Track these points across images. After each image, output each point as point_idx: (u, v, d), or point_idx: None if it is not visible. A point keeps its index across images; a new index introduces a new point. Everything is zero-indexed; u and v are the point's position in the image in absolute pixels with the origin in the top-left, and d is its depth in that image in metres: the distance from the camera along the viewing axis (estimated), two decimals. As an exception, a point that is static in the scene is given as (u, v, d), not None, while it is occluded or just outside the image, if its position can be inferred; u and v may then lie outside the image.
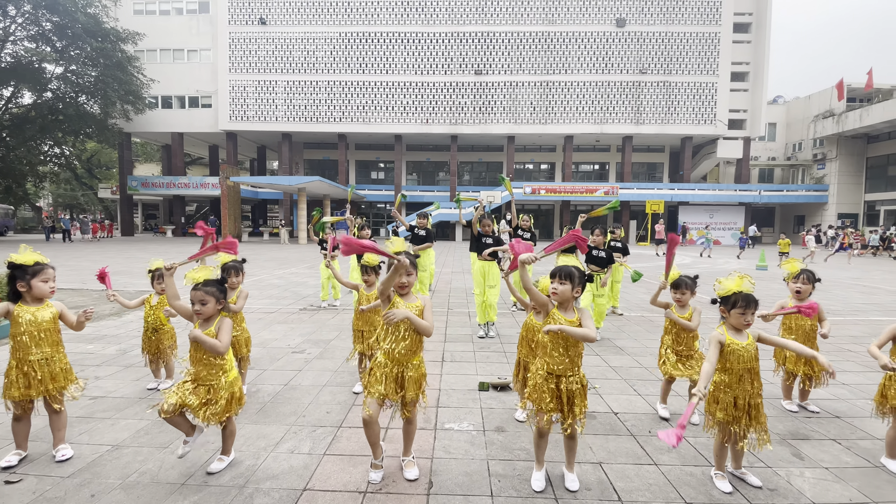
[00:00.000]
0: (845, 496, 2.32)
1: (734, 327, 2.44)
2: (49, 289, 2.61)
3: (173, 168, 32.60)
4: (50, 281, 2.63)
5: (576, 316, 2.38)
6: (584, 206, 33.77)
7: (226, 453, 2.55)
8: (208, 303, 2.42)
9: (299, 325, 5.93)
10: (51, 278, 2.63)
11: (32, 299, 2.57)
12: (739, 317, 2.39)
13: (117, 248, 20.17)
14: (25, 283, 2.53)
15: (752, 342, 2.40)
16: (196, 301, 2.43)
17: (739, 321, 2.39)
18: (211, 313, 2.45)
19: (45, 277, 2.59)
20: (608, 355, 4.74)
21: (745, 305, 2.38)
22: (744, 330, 2.44)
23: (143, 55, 30.18)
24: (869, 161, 31.14)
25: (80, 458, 2.58)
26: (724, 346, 2.39)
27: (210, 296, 2.43)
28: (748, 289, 2.42)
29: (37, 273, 2.56)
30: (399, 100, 30.60)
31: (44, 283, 2.58)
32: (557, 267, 2.46)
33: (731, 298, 2.42)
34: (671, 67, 30.02)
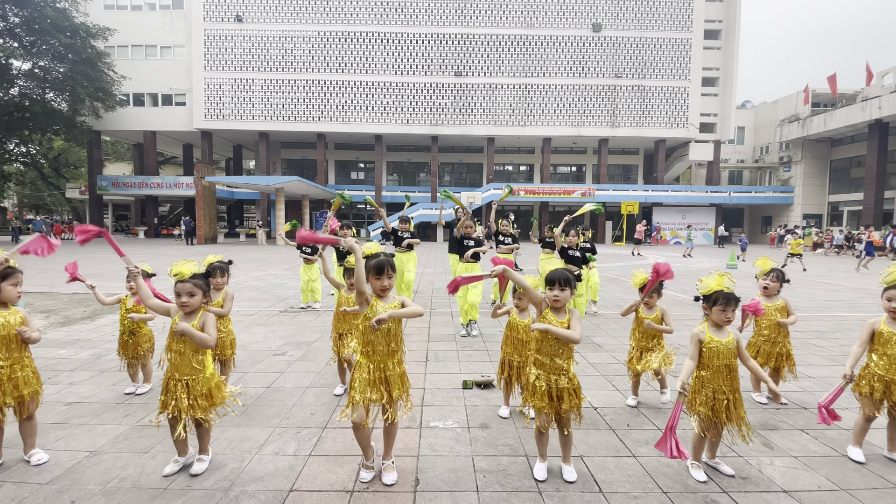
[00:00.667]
0: (814, 484, 2.45)
1: (715, 324, 2.54)
2: (17, 293, 2.57)
3: (146, 167, 31.68)
4: (18, 285, 2.58)
5: (567, 317, 2.46)
6: (563, 207, 34.27)
7: (203, 452, 2.53)
8: (196, 295, 2.45)
9: (280, 327, 5.87)
10: (19, 283, 2.59)
11: (0, 303, 2.51)
12: (720, 314, 2.50)
13: (88, 250, 19.46)
14: None
15: (731, 340, 2.50)
16: (184, 293, 2.43)
17: (720, 318, 2.50)
18: (197, 306, 2.48)
19: (14, 282, 2.55)
20: (587, 352, 4.85)
21: (726, 303, 2.49)
22: (724, 327, 2.54)
23: (114, 51, 29.28)
24: (833, 164, 32.55)
25: (58, 465, 2.52)
26: (704, 344, 2.50)
27: (198, 288, 2.47)
28: (728, 287, 2.52)
29: (6, 276, 2.51)
30: (379, 100, 30.48)
31: (13, 288, 2.54)
32: (554, 273, 2.48)
33: (713, 296, 2.53)
34: (645, 72, 30.78)
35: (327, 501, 2.20)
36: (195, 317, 2.48)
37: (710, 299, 2.55)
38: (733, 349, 2.49)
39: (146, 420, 3.10)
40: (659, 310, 3.43)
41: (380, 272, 2.40)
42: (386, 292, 2.45)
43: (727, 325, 2.53)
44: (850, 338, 5.61)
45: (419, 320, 6.38)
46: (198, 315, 2.49)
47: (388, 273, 2.42)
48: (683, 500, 2.26)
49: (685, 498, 2.27)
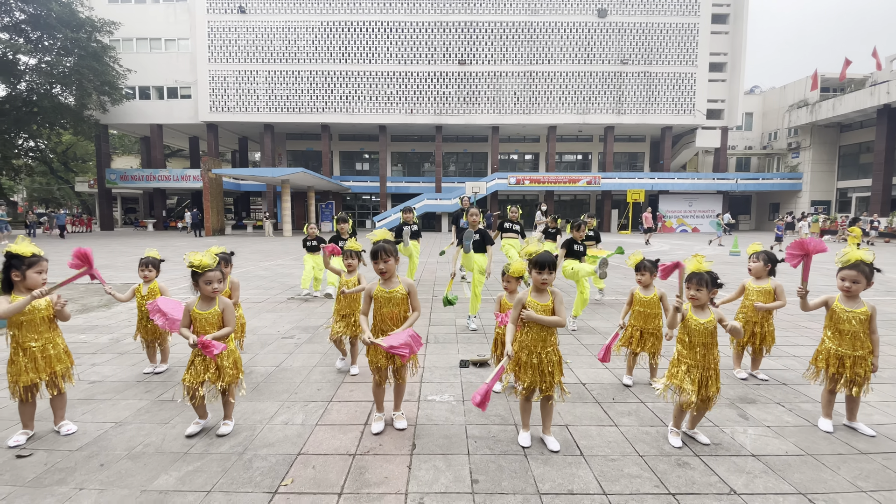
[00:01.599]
0: (782, 449, 2.63)
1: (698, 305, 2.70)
2: (42, 280, 2.74)
3: (153, 160, 32.01)
4: (43, 273, 2.76)
5: (550, 299, 2.60)
6: (568, 195, 34.26)
7: (228, 418, 2.81)
8: (223, 281, 2.78)
9: (287, 313, 6.12)
10: (44, 270, 2.76)
11: (25, 289, 2.69)
12: (688, 292, 2.67)
13: (100, 243, 19.89)
14: (20, 272, 2.65)
15: (711, 320, 2.65)
16: (215, 280, 2.71)
17: (689, 296, 2.67)
18: (220, 292, 2.77)
19: (39, 269, 2.71)
20: (580, 334, 5.04)
21: (697, 283, 2.65)
22: (706, 308, 2.69)
23: (120, 45, 29.47)
24: (841, 149, 32.17)
25: (86, 435, 2.76)
26: (684, 321, 2.68)
27: (222, 275, 2.78)
28: (701, 268, 2.67)
29: (32, 264, 2.69)
30: (383, 90, 30.48)
31: (38, 275, 2.70)
32: (542, 256, 2.59)
33: (688, 277, 2.70)
34: (651, 58, 30.45)
35: (332, 463, 2.43)
36: (214, 302, 2.74)
37: (688, 279, 2.71)
38: (712, 329, 2.64)
39: (165, 395, 3.34)
40: (657, 291, 3.58)
41: (374, 257, 2.74)
42: (385, 275, 2.74)
43: (696, 303, 2.67)
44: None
45: (422, 306, 6.59)
46: (216, 300, 2.75)
47: (383, 257, 2.73)
48: (658, 462, 2.45)
49: (659, 461, 2.47)
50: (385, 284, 2.77)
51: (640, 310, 3.58)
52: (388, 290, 2.75)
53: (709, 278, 2.68)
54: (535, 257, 2.64)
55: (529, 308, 2.59)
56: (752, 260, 3.70)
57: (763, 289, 3.65)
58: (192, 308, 2.73)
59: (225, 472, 2.35)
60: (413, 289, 2.81)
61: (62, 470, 2.38)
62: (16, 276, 2.66)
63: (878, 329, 2.81)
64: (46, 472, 2.36)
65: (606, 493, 2.17)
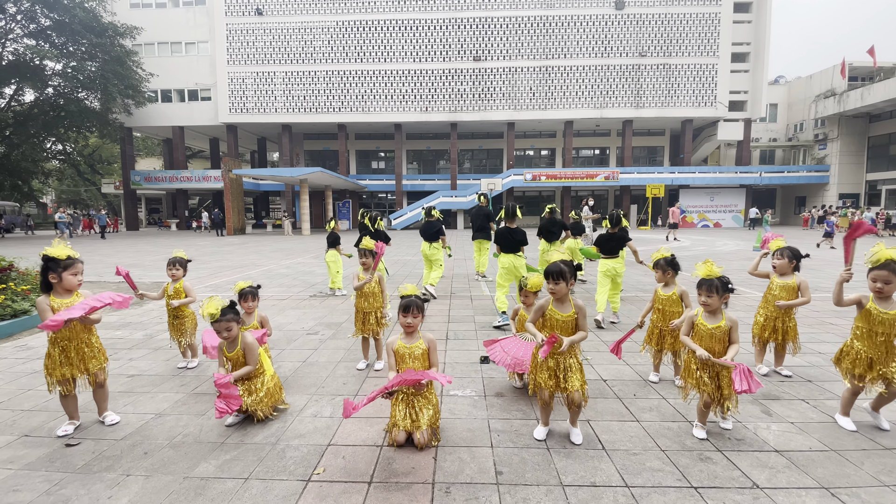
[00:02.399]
0: (805, 445, 2.64)
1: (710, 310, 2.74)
2: (77, 281, 2.85)
3: (175, 162, 32.83)
4: (79, 274, 2.86)
5: (572, 310, 2.64)
6: (585, 191, 33.90)
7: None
8: (232, 328, 2.92)
9: (311, 310, 6.27)
10: (80, 272, 2.87)
11: (63, 290, 2.81)
12: (699, 298, 2.73)
13: (126, 243, 20.55)
14: (57, 274, 2.77)
15: (720, 326, 2.67)
16: (222, 330, 2.90)
17: (701, 303, 2.73)
18: (236, 334, 2.96)
19: (74, 271, 2.82)
20: (600, 331, 5.06)
21: (707, 290, 2.70)
22: (719, 312, 2.71)
23: (142, 49, 30.27)
24: (870, 140, 31.08)
25: (129, 425, 2.93)
26: (694, 325, 2.74)
27: (231, 322, 2.92)
28: (712, 273, 2.72)
29: (68, 267, 2.80)
30: (398, 88, 30.62)
31: (73, 276, 2.81)
32: (549, 267, 2.64)
33: (699, 283, 2.74)
34: (671, 49, 29.86)
35: (360, 453, 2.53)
36: (236, 342, 2.97)
37: (698, 285, 2.76)
38: (720, 336, 2.68)
39: (200, 389, 3.50)
40: (677, 289, 3.59)
41: (406, 310, 2.79)
42: (409, 329, 2.82)
43: (707, 309, 2.71)
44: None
45: (442, 303, 6.69)
46: (238, 340, 2.97)
47: (413, 312, 2.79)
48: (679, 457, 2.49)
49: (681, 455, 2.50)
50: (406, 340, 2.83)
51: (659, 308, 3.60)
52: (408, 346, 2.81)
53: (719, 284, 2.70)
54: (546, 267, 2.67)
55: (549, 320, 2.65)
56: (777, 257, 3.67)
57: (787, 285, 3.62)
58: (223, 348, 2.98)
59: (260, 460, 2.47)
60: (433, 345, 2.84)
61: (109, 458, 2.53)
62: (53, 277, 2.79)
63: None
64: (94, 459, 2.52)
65: (629, 486, 2.22)
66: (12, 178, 26.39)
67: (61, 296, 2.82)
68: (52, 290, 2.83)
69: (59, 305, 2.79)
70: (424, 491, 2.19)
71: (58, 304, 2.78)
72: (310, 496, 2.16)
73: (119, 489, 2.23)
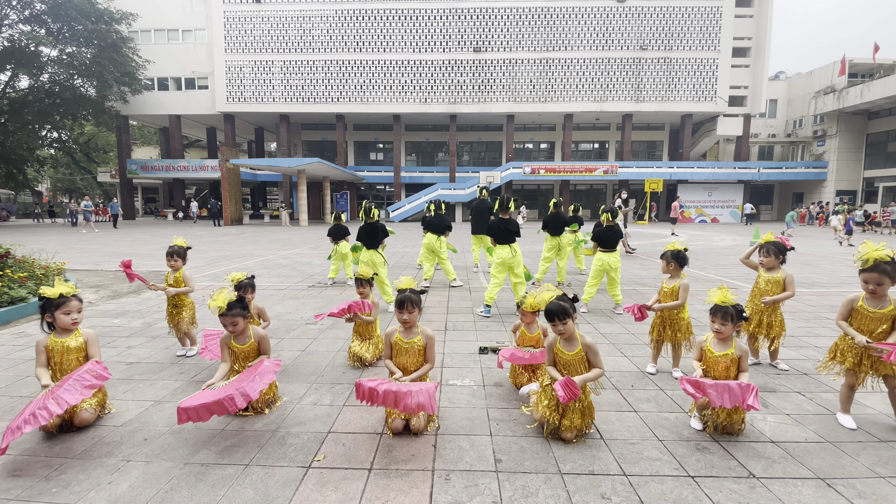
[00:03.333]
0: (801, 436, 2.66)
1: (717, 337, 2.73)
2: (70, 321, 2.71)
3: (171, 151, 32.58)
4: (72, 313, 2.73)
5: (579, 348, 2.57)
6: (584, 185, 33.89)
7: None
8: (238, 323, 2.91)
9: (309, 300, 6.27)
10: (73, 310, 2.74)
11: (60, 329, 2.74)
12: (712, 326, 2.71)
13: (123, 232, 20.45)
14: (51, 314, 2.72)
15: (727, 354, 2.67)
16: (228, 325, 2.90)
17: (713, 330, 2.71)
18: (243, 328, 2.94)
19: (66, 310, 2.71)
20: (599, 324, 5.08)
21: (722, 318, 2.67)
22: (726, 340, 2.70)
23: (138, 36, 29.92)
24: (869, 137, 31.14)
25: (128, 412, 2.93)
26: (703, 352, 2.75)
27: (237, 317, 2.90)
28: (726, 301, 2.68)
29: (59, 306, 2.70)
30: (397, 79, 30.40)
31: (65, 316, 2.70)
32: (548, 307, 2.56)
33: (711, 309, 2.72)
34: (672, 43, 29.73)
35: (360, 441, 2.54)
36: (247, 335, 2.97)
37: (712, 312, 2.72)
38: (727, 363, 2.68)
39: (199, 377, 3.50)
40: (679, 282, 3.59)
41: (401, 307, 2.79)
42: (406, 324, 2.82)
43: (720, 336, 2.70)
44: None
45: (440, 295, 6.69)
46: (249, 332, 2.98)
47: (408, 308, 2.78)
48: (677, 447, 2.51)
49: (678, 445, 2.52)
50: (405, 334, 2.84)
51: (661, 300, 3.63)
52: (406, 340, 2.81)
53: (734, 312, 2.67)
54: (545, 307, 2.59)
55: (559, 360, 2.61)
56: (763, 254, 3.68)
57: (773, 279, 3.64)
58: (229, 342, 2.96)
59: (261, 447, 2.48)
60: (431, 340, 2.84)
61: (109, 444, 2.53)
62: (48, 318, 2.72)
63: None
64: (94, 445, 2.52)
65: (627, 475, 2.24)
66: (7, 165, 26.15)
67: (60, 335, 2.76)
68: (54, 330, 2.77)
69: (54, 346, 2.70)
70: (424, 478, 2.20)
71: (54, 345, 2.70)
72: (310, 482, 2.17)
73: (119, 474, 2.24)
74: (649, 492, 2.11)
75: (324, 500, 2.04)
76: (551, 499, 2.05)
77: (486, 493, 2.09)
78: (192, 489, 2.12)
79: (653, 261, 10.64)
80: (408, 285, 2.91)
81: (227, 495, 2.07)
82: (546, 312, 2.60)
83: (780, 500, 2.06)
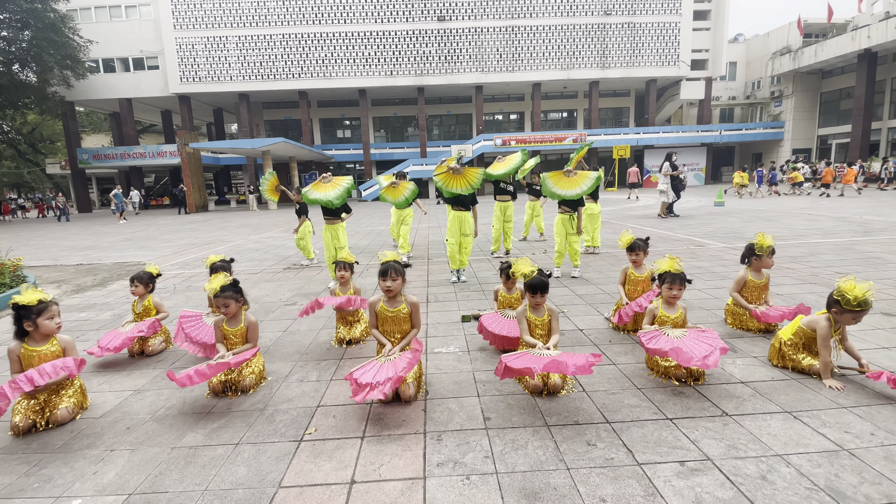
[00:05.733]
0: (769, 376, 2.83)
1: (666, 301, 3.00)
2: (55, 325, 2.69)
3: (125, 137, 30.87)
4: (55, 317, 2.70)
5: (546, 315, 2.89)
6: (554, 154, 34.06)
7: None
8: (230, 305, 2.92)
9: (286, 282, 6.17)
10: (55, 314, 2.70)
11: (40, 337, 2.66)
12: (668, 291, 2.96)
13: (79, 225, 19.46)
14: (32, 322, 2.61)
15: (680, 314, 2.98)
16: (220, 306, 2.91)
17: (668, 295, 2.96)
18: (235, 311, 2.95)
19: (49, 315, 2.66)
20: (575, 286, 5.20)
21: (671, 281, 2.97)
22: (674, 303, 3.00)
23: (78, 14, 27.75)
24: (823, 96, 32.26)
25: (107, 403, 2.84)
26: (657, 318, 2.98)
27: (229, 299, 2.91)
28: (677, 268, 2.98)
29: (41, 312, 2.63)
30: (360, 51, 29.40)
31: (49, 321, 2.66)
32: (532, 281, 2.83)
33: (663, 276, 2.97)
34: (635, 7, 29.69)
35: (351, 412, 2.56)
36: (238, 320, 2.98)
37: (661, 278, 2.98)
38: (681, 322, 3.00)
39: (178, 364, 3.43)
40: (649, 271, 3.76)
41: (384, 275, 2.84)
42: (390, 293, 2.86)
43: (675, 301, 3.00)
44: (822, 261, 6.00)
45: (419, 269, 6.70)
46: (241, 319, 2.99)
47: (391, 276, 2.83)
48: (654, 393, 2.63)
49: (656, 392, 2.65)
50: (389, 303, 2.89)
51: (631, 289, 3.78)
52: (391, 309, 2.88)
53: (683, 277, 3.01)
54: (528, 281, 2.85)
55: (528, 323, 2.85)
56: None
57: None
58: (221, 324, 2.98)
59: (249, 426, 2.46)
60: (416, 307, 2.92)
61: (89, 436, 2.47)
62: (28, 325, 2.62)
63: None
64: (73, 438, 2.45)
65: (610, 422, 2.34)
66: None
67: (38, 342, 2.65)
68: (28, 337, 2.66)
69: (30, 354, 2.62)
70: (417, 440, 2.25)
71: (29, 353, 2.62)
72: (303, 454, 2.18)
73: (104, 464, 2.19)
74: (631, 436, 2.21)
75: (318, 469, 2.06)
76: (540, 449, 2.13)
77: (477, 449, 2.16)
78: (182, 472, 2.10)
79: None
80: (393, 258, 2.95)
81: (219, 475, 2.06)
82: (530, 286, 2.83)
83: (751, 434, 2.20)
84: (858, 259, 6.04)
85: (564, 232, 5.62)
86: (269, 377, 3.08)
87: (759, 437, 2.17)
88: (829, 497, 1.77)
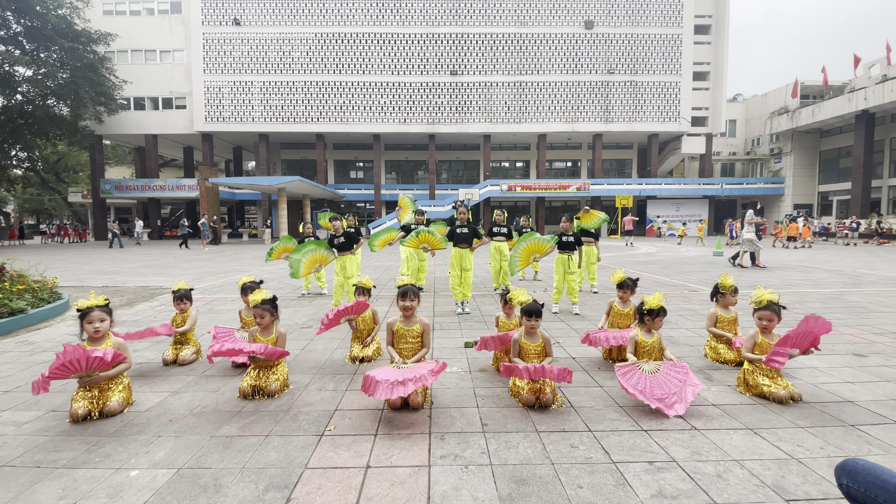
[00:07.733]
0: (738, 400, 3.16)
1: (647, 329, 3.41)
2: (93, 329, 3.02)
3: (147, 170, 32.28)
4: (94, 322, 3.01)
5: (540, 341, 3.24)
6: (559, 201, 35.04)
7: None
8: (265, 316, 3.36)
9: (301, 308, 6.57)
10: (95, 319, 3.02)
11: (91, 339, 3.05)
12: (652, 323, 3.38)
13: (98, 252, 20.14)
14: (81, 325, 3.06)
15: (655, 339, 3.41)
16: (257, 316, 3.35)
17: (654, 325, 3.39)
18: (268, 323, 3.38)
19: (88, 320, 3.02)
20: (570, 321, 5.57)
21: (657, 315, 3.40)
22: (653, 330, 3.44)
23: (115, 56, 29.86)
24: (822, 154, 33.34)
25: (149, 401, 3.21)
26: (638, 344, 3.40)
27: (266, 311, 3.35)
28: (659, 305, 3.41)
29: (84, 316, 3.03)
30: (376, 100, 31.13)
31: (88, 325, 3.02)
32: (530, 306, 3.20)
33: (655, 311, 3.38)
34: (637, 67, 31.47)
35: (365, 415, 2.91)
36: (270, 330, 3.40)
37: (653, 313, 3.38)
38: (656, 345, 3.40)
39: (209, 372, 3.80)
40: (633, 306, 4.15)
41: (404, 296, 3.32)
42: (407, 312, 3.33)
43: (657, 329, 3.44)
44: (808, 308, 6.33)
45: (426, 301, 7.09)
46: (273, 329, 3.41)
47: (410, 297, 3.31)
48: (634, 411, 2.97)
49: (636, 410, 2.98)
50: (405, 322, 3.37)
51: (615, 321, 4.19)
52: (406, 328, 3.35)
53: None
54: (524, 307, 3.25)
55: (524, 350, 3.23)
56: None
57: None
58: (255, 334, 3.41)
59: (277, 423, 2.82)
60: (427, 328, 3.41)
61: (137, 424, 2.83)
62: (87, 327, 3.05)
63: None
64: (124, 426, 2.81)
65: (591, 431, 2.68)
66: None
67: (92, 343, 3.06)
68: (88, 338, 3.07)
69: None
70: (423, 438, 2.59)
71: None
72: (325, 445, 2.53)
73: (154, 446, 2.55)
74: (609, 441, 2.55)
75: (338, 457, 2.41)
76: (529, 449, 2.47)
77: (475, 446, 2.50)
78: (221, 454, 2.45)
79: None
80: (410, 282, 3.44)
81: (253, 457, 2.41)
82: (527, 311, 3.22)
83: (714, 444, 2.53)
84: (842, 307, 6.37)
85: (563, 270, 6.06)
86: (291, 385, 3.45)
87: (721, 446, 2.50)
88: (773, 492, 2.09)
